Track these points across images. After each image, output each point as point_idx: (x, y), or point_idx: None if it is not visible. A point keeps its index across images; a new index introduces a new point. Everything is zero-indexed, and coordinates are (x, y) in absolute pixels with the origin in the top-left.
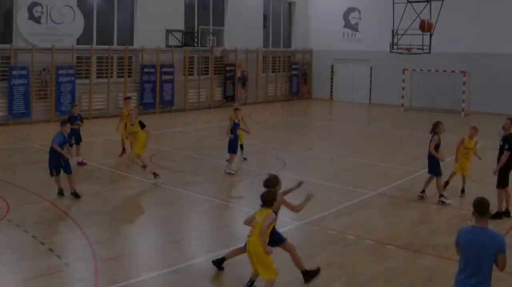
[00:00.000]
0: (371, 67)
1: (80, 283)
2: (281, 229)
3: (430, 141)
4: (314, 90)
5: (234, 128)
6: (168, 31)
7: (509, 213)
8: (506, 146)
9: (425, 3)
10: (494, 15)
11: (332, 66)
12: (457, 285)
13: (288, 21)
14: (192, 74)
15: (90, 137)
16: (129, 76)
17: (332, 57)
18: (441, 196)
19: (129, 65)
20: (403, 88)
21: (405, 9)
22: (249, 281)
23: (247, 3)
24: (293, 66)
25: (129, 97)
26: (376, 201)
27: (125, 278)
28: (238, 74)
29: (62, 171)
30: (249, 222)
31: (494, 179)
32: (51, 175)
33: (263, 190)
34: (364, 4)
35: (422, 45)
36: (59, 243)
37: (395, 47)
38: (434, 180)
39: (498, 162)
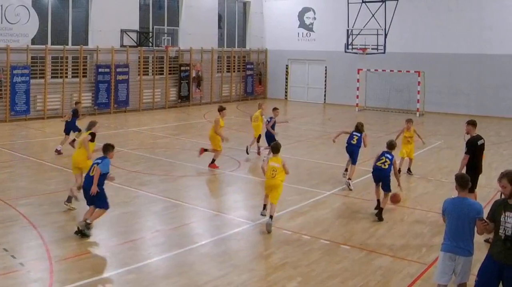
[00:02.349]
0: (325, 67)
1: (35, 283)
2: (236, 229)
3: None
4: (269, 90)
5: (274, 124)
6: (123, 31)
7: None
8: (465, 149)
9: (380, 3)
10: (449, 16)
11: (287, 66)
12: (443, 247)
13: (243, 21)
14: (147, 74)
15: (45, 138)
16: (84, 76)
17: (287, 57)
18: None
19: (84, 65)
20: (357, 88)
21: (359, 9)
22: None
23: (202, 3)
24: (248, 66)
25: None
26: (331, 201)
27: (80, 278)
28: (193, 74)
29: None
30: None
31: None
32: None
33: (217, 190)
34: (319, 4)
35: (377, 46)
36: (14, 243)
37: (350, 47)
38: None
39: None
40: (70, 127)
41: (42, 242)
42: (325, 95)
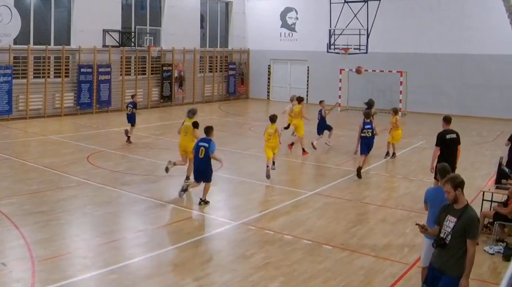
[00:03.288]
0: (308, 67)
1: (17, 283)
2: (219, 229)
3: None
4: (251, 90)
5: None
6: (105, 31)
7: None
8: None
9: (362, 4)
10: (431, 16)
11: (269, 66)
12: (427, 236)
13: (225, 21)
14: (129, 74)
15: (27, 138)
16: (66, 76)
17: (269, 57)
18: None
19: (66, 65)
20: (340, 88)
21: (342, 9)
22: (267, 166)
23: (184, 3)
24: (230, 66)
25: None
26: (313, 201)
27: (63, 278)
28: (175, 74)
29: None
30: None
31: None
32: (196, 181)
33: (199, 190)
34: (301, 4)
35: (359, 45)
36: None
37: (332, 47)
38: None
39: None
40: (133, 118)
41: (24, 242)
42: (307, 95)
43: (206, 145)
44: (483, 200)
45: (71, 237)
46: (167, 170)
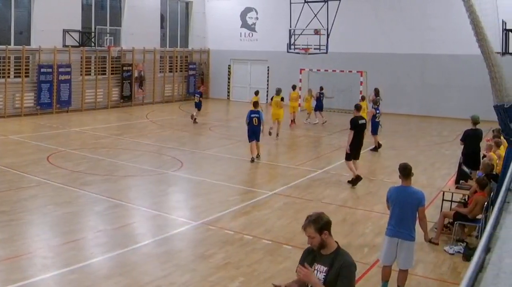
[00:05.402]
0: (268, 67)
1: None
2: (179, 229)
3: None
4: (211, 90)
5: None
6: (65, 31)
7: (360, 177)
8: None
9: (322, 4)
10: (391, 15)
11: (229, 66)
12: (388, 232)
13: (185, 21)
14: (89, 74)
15: None
16: (26, 76)
17: (229, 57)
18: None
19: (26, 65)
20: (300, 88)
21: (302, 9)
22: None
23: (144, 3)
24: (190, 66)
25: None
26: (273, 201)
27: (23, 278)
28: (135, 74)
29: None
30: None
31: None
32: (250, 141)
33: (159, 190)
34: (261, 4)
35: (319, 45)
36: None
37: (292, 47)
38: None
39: None
40: (200, 105)
41: None
42: (267, 95)
43: (257, 115)
44: (443, 200)
45: (31, 237)
46: (270, 133)
